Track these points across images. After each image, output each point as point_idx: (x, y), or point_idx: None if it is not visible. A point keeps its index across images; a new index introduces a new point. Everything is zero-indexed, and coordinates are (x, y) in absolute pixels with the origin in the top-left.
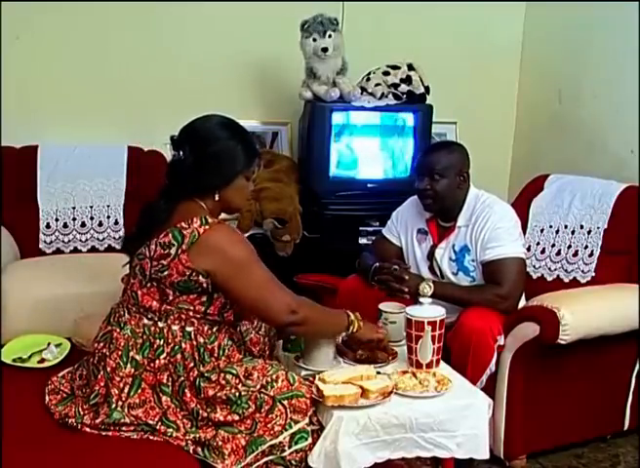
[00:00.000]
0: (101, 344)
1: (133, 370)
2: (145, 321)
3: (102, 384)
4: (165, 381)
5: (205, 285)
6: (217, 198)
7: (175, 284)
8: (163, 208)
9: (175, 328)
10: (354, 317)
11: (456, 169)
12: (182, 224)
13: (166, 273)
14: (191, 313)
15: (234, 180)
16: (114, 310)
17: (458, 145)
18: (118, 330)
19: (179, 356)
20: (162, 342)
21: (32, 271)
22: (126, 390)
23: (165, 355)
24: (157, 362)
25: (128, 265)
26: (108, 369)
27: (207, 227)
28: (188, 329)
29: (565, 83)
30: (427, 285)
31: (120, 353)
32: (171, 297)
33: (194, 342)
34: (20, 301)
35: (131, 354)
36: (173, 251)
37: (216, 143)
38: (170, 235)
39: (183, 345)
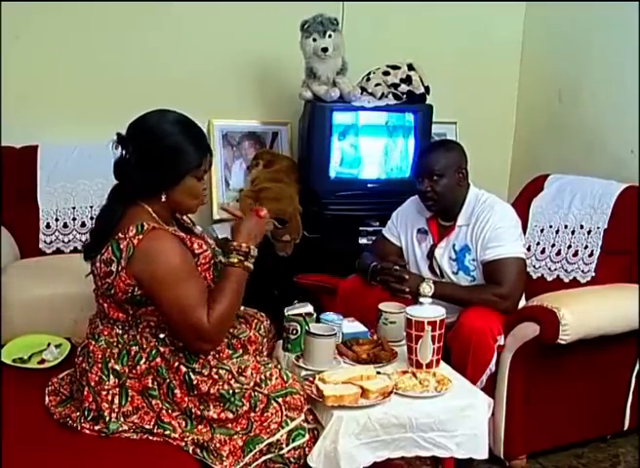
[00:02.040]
0: (80, 358)
1: (116, 380)
2: (117, 330)
3: (91, 399)
4: (151, 385)
5: None
6: (163, 199)
7: (124, 301)
8: (112, 212)
9: (146, 334)
10: (242, 260)
11: (454, 167)
12: (120, 235)
13: (112, 292)
14: (158, 321)
15: (182, 180)
16: (91, 321)
17: (453, 143)
18: (93, 342)
19: (158, 359)
20: (138, 348)
21: (32, 271)
22: (116, 401)
23: (144, 360)
24: (138, 368)
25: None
26: (92, 383)
27: (140, 237)
28: (160, 335)
29: (565, 83)
30: (428, 285)
31: (100, 366)
32: (131, 311)
33: (172, 347)
34: (20, 301)
35: (110, 365)
36: (114, 267)
37: (161, 141)
38: (109, 249)
39: (161, 349)
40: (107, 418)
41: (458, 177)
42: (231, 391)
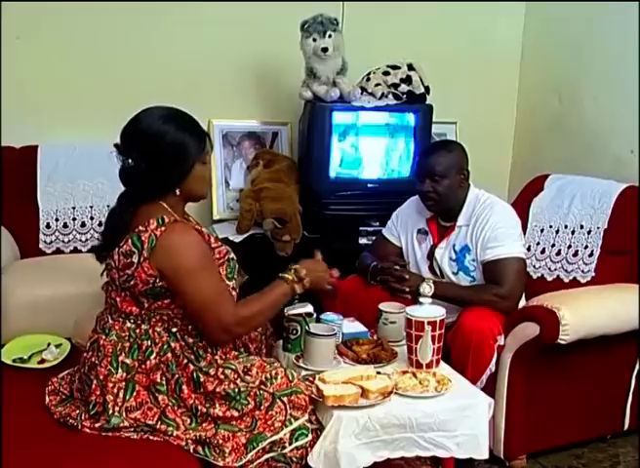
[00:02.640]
0: (90, 353)
1: (125, 374)
2: (129, 324)
3: (98, 392)
4: (159, 380)
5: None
6: (178, 193)
7: (143, 293)
8: (124, 212)
9: (159, 329)
10: (295, 281)
11: (456, 168)
12: (140, 228)
13: (132, 283)
14: (172, 314)
15: (192, 171)
16: (99, 318)
17: (455, 144)
18: (104, 336)
19: (169, 354)
20: (150, 343)
21: (32, 271)
22: (121, 395)
23: (155, 355)
24: (148, 363)
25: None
26: (100, 377)
27: (163, 229)
28: (173, 329)
29: (565, 83)
30: (428, 284)
31: (109, 359)
32: (146, 304)
33: (182, 342)
34: (20, 301)
35: (120, 358)
36: (135, 259)
37: (163, 141)
38: (130, 241)
39: (172, 344)
40: (110, 411)
41: (459, 179)
42: (237, 390)
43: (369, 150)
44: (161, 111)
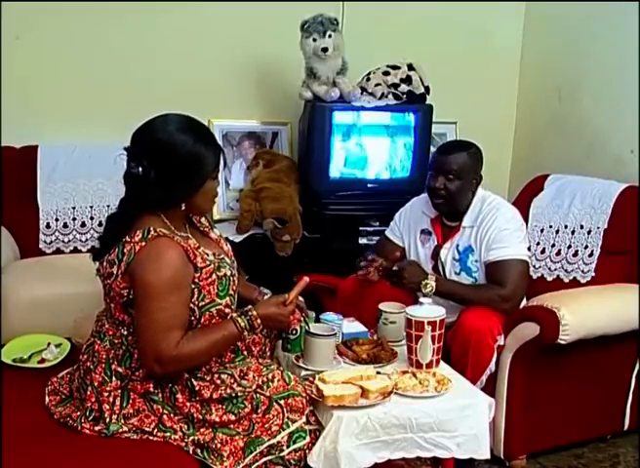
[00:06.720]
0: (85, 357)
1: (119, 382)
2: (122, 331)
3: (93, 399)
4: (152, 390)
5: None
6: (182, 207)
7: (123, 304)
8: (123, 220)
9: None
10: (247, 329)
11: (472, 171)
12: (127, 238)
13: (111, 294)
14: None
15: (203, 186)
16: (98, 318)
17: (474, 147)
18: (99, 341)
19: None
20: None
21: (32, 271)
22: (117, 402)
23: None
24: (141, 371)
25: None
26: (95, 383)
27: (143, 243)
28: None
29: (565, 83)
30: (431, 281)
31: (103, 366)
32: (133, 314)
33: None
34: (20, 301)
35: (113, 367)
36: (114, 270)
37: (178, 152)
38: (116, 251)
39: None
40: (108, 419)
41: (471, 182)
42: (234, 394)
43: (368, 150)
44: (178, 120)
